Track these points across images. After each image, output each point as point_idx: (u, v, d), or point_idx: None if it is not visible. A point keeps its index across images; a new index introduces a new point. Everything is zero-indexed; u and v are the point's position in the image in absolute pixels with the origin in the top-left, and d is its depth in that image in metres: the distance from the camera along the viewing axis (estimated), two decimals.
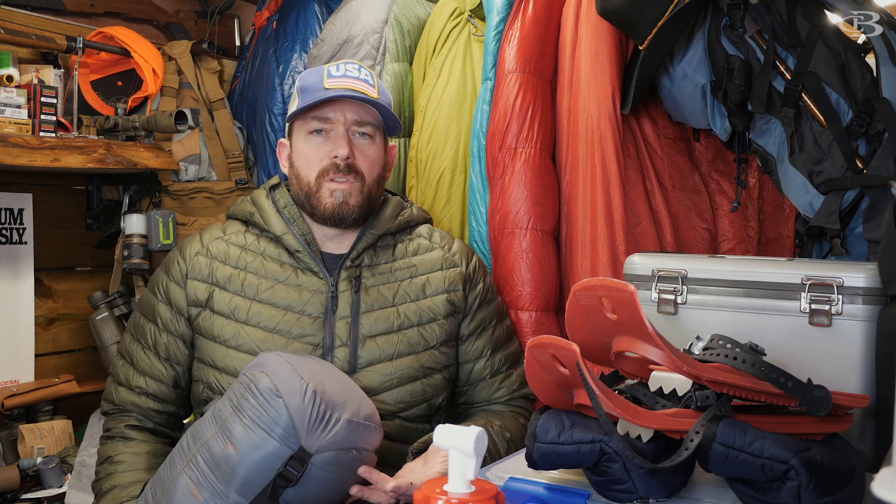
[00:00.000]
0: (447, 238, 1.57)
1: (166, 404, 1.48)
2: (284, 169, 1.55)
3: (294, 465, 1.16)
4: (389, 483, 1.23)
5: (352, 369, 1.39)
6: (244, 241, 1.49)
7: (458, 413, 1.58)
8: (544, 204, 1.67)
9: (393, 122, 1.50)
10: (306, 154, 1.47)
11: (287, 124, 1.54)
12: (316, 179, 1.45)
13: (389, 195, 1.58)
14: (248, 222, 1.52)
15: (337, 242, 1.49)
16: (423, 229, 1.57)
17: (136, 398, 1.47)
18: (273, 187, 1.55)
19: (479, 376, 1.52)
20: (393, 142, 1.94)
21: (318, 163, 1.45)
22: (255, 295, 1.43)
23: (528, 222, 1.65)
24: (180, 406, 1.49)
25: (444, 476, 0.97)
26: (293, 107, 1.49)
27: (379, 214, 1.52)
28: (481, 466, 0.90)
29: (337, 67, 1.47)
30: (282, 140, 1.57)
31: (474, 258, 1.57)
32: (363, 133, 1.47)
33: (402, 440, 1.41)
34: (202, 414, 1.37)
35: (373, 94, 1.45)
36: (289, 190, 1.54)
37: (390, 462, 1.37)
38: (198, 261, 1.47)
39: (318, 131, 1.46)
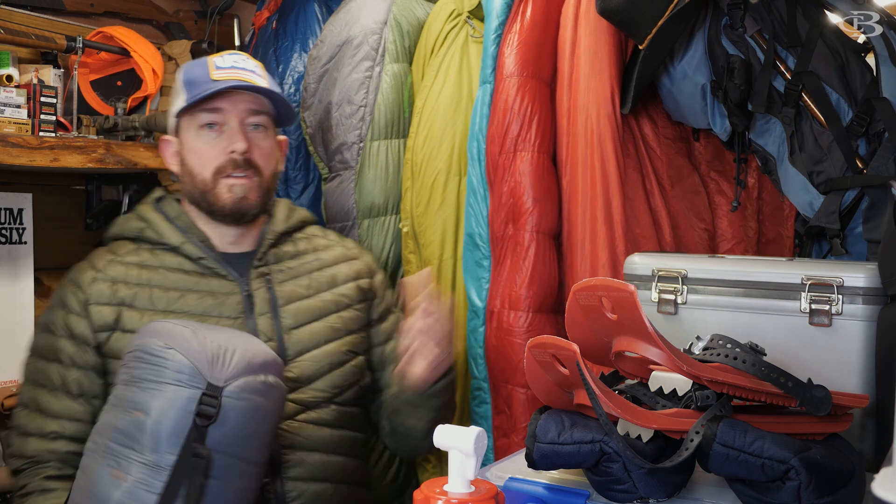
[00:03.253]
0: (339, 235, 1.64)
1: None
2: (172, 167, 1.49)
3: (208, 401, 1.15)
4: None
5: (282, 361, 1.39)
6: (139, 258, 1.43)
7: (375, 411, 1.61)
8: (544, 206, 1.67)
9: (286, 111, 1.49)
10: (200, 150, 1.42)
11: (173, 121, 1.48)
12: (212, 177, 1.42)
13: (276, 197, 1.60)
14: (138, 239, 1.46)
15: (237, 242, 1.49)
16: (315, 229, 1.61)
17: (51, 445, 1.35)
18: (158, 199, 1.51)
19: (390, 357, 1.55)
20: (386, 142, 1.95)
21: (213, 159, 1.41)
22: (167, 306, 1.38)
23: (528, 224, 1.65)
24: None
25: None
26: (179, 102, 1.44)
27: (274, 215, 1.54)
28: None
29: (223, 58, 1.45)
30: (165, 137, 1.50)
31: (368, 252, 1.68)
32: (257, 125, 1.45)
33: (339, 426, 1.44)
34: None
35: (263, 84, 1.43)
36: (177, 200, 1.51)
37: (332, 449, 1.41)
38: (96, 286, 1.39)
39: (211, 125, 1.42)
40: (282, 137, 1.58)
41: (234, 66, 1.43)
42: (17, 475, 1.37)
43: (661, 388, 1.03)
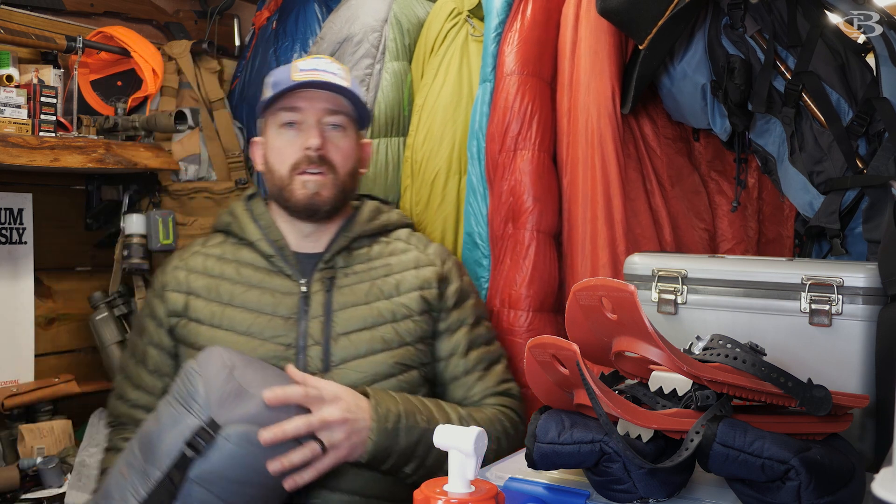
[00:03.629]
0: (424, 240, 1.58)
1: None
2: (259, 167, 1.55)
3: (202, 435, 1.18)
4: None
5: (325, 367, 1.39)
6: (221, 251, 1.51)
7: None
8: (544, 204, 1.67)
9: (365, 113, 1.51)
10: (278, 148, 1.47)
11: (259, 122, 1.54)
12: (289, 173, 1.46)
13: (367, 199, 1.59)
14: (227, 232, 1.54)
15: (313, 241, 1.50)
16: (402, 233, 1.57)
17: (130, 410, 1.48)
18: (250, 197, 1.59)
19: (452, 375, 1.49)
20: (385, 140, 1.94)
21: (290, 156, 1.46)
22: (230, 300, 1.44)
23: (528, 223, 1.65)
24: None
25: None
26: (263, 101, 1.49)
27: (354, 217, 1.53)
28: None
29: (307, 62, 1.48)
30: (255, 139, 1.57)
31: (451, 259, 1.56)
32: (335, 125, 1.47)
33: None
34: None
35: (343, 83, 1.46)
36: (264, 200, 1.56)
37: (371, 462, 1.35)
38: (176, 274, 1.49)
39: (290, 124, 1.46)
40: (366, 140, 1.59)
41: (315, 69, 1.46)
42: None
43: (661, 388, 1.03)
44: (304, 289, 1.44)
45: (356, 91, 1.49)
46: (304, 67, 1.46)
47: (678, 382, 1.01)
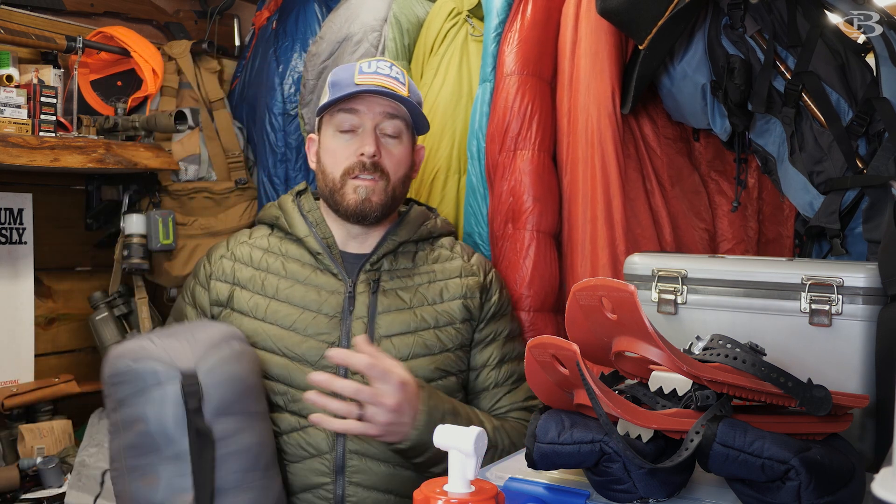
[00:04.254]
0: (468, 249, 1.59)
1: None
2: (312, 164, 1.56)
3: (189, 387, 1.23)
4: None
5: None
6: (267, 243, 1.53)
7: None
8: (544, 204, 1.67)
9: (422, 121, 1.51)
10: (333, 150, 1.48)
11: (317, 119, 1.55)
12: (341, 177, 1.47)
13: (415, 205, 1.60)
14: (273, 226, 1.56)
15: (360, 242, 1.51)
16: (446, 241, 1.59)
17: None
18: (299, 192, 1.60)
19: (482, 385, 1.50)
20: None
21: (344, 160, 1.47)
22: (275, 294, 1.46)
23: (528, 223, 1.65)
24: None
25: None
26: (323, 101, 1.50)
27: (402, 222, 1.54)
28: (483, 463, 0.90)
29: (368, 64, 1.48)
30: (311, 135, 1.58)
31: (493, 271, 1.58)
32: (391, 132, 1.48)
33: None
34: None
35: (402, 91, 1.46)
36: (314, 195, 1.57)
37: (402, 463, 1.37)
38: (222, 263, 1.52)
39: (347, 129, 1.47)
40: (419, 145, 1.59)
41: (377, 72, 1.46)
42: None
43: (661, 388, 1.03)
44: (349, 289, 1.45)
45: (414, 99, 1.49)
46: (366, 70, 1.47)
47: (678, 382, 1.01)
